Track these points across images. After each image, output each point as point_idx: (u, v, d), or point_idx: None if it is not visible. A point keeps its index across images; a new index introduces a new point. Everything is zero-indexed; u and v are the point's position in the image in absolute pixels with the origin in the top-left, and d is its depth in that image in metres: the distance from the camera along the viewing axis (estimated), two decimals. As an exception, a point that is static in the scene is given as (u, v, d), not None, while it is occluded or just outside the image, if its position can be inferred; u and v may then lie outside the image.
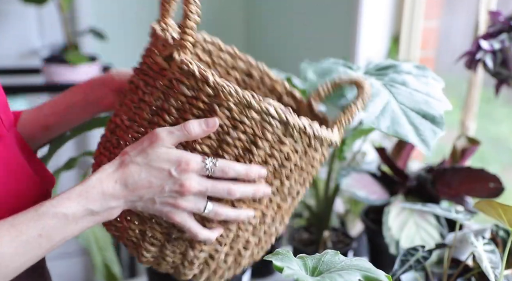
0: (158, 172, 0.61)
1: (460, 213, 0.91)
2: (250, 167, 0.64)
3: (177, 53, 0.62)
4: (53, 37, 1.87)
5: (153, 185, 0.61)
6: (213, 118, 0.62)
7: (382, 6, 1.40)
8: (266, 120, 0.62)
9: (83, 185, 0.59)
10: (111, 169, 0.61)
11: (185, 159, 0.61)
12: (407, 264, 0.83)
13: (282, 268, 0.57)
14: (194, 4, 0.61)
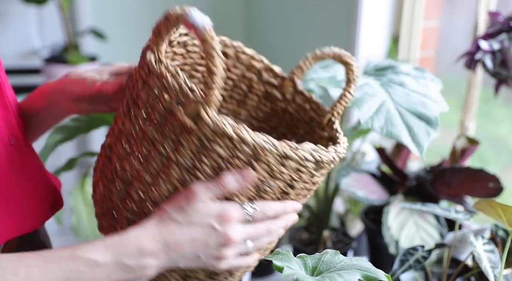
0: (200, 228, 0.59)
1: (459, 213, 0.91)
2: (287, 204, 0.64)
3: (204, 111, 0.55)
4: (53, 37, 1.87)
5: (197, 242, 0.59)
6: (248, 170, 0.59)
7: (382, 6, 1.40)
8: (302, 165, 0.60)
9: (121, 236, 0.57)
10: (150, 226, 0.58)
11: (226, 210, 0.59)
12: (407, 263, 0.83)
13: (282, 267, 0.57)
14: (217, 57, 0.54)
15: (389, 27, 1.44)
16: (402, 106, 0.81)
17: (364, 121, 0.78)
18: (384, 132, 0.77)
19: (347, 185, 1.03)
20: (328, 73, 0.88)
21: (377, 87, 0.85)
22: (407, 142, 0.76)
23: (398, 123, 0.78)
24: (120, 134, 0.65)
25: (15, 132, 0.66)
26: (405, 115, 0.80)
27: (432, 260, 0.85)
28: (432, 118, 0.79)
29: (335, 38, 1.53)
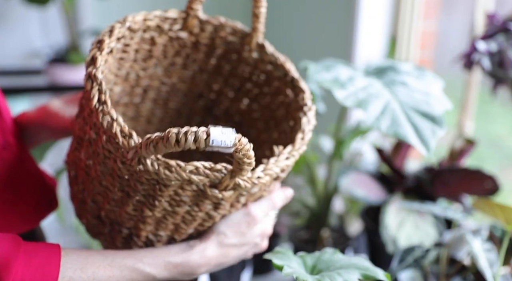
0: (248, 246, 0.66)
1: (457, 212, 0.92)
2: (284, 190, 0.70)
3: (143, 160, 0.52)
4: (56, 38, 1.87)
5: (242, 256, 0.66)
6: (288, 188, 0.69)
7: (380, 7, 1.41)
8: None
9: (182, 258, 0.61)
10: (211, 253, 0.63)
11: (266, 228, 0.67)
12: (405, 262, 0.84)
13: (282, 266, 0.58)
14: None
15: (387, 28, 1.44)
16: (407, 105, 0.81)
17: (370, 123, 0.78)
18: (391, 132, 0.78)
19: (346, 184, 1.04)
20: (331, 74, 0.88)
21: (380, 87, 0.85)
22: (414, 142, 0.76)
23: (404, 123, 0.78)
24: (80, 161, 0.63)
25: (7, 137, 0.67)
26: (410, 115, 0.80)
27: (430, 259, 0.86)
28: (436, 117, 0.80)
29: (333, 39, 1.54)
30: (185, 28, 0.74)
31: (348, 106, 0.81)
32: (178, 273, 0.61)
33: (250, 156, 0.50)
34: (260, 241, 0.67)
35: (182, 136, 0.45)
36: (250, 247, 0.66)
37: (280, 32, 1.85)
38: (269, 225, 0.68)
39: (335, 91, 0.83)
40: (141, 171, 0.53)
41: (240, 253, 0.65)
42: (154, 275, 0.59)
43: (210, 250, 0.62)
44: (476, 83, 1.24)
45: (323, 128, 1.45)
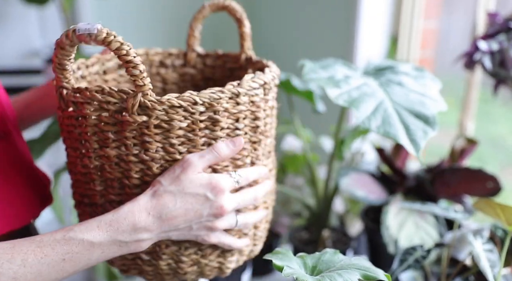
0: (193, 198, 0.60)
1: (458, 213, 0.91)
2: (259, 168, 0.68)
3: (145, 99, 0.58)
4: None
5: (190, 212, 0.60)
6: (238, 137, 0.64)
7: (381, 6, 1.40)
8: (253, 94, 0.65)
9: (114, 214, 0.58)
10: (143, 201, 0.59)
11: (217, 180, 0.61)
12: (406, 263, 0.84)
13: (282, 267, 0.57)
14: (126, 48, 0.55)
15: (388, 28, 1.44)
16: (400, 105, 0.81)
17: (361, 121, 0.78)
18: (381, 131, 0.77)
19: (347, 185, 1.03)
20: (327, 73, 0.88)
21: (375, 87, 0.85)
22: (404, 141, 0.76)
23: (395, 123, 0.78)
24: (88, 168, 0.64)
25: (3, 127, 0.67)
26: (402, 115, 0.80)
27: (431, 259, 0.86)
28: (430, 117, 0.79)
29: (334, 38, 1.53)
30: (188, 63, 0.86)
31: (340, 104, 0.81)
32: (116, 232, 0.57)
33: (117, 40, 0.54)
34: (211, 195, 0.61)
35: (63, 34, 0.57)
36: (198, 199, 0.60)
37: (280, 32, 1.84)
38: (224, 179, 0.62)
39: (328, 89, 0.83)
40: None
41: (187, 204, 0.60)
42: (90, 239, 0.56)
43: (143, 199, 0.59)
44: (477, 82, 1.23)
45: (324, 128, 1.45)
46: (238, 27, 0.77)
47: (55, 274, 0.55)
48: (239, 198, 0.64)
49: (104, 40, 0.54)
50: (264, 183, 0.70)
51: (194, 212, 0.61)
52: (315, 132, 1.51)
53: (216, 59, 0.84)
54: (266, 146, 0.71)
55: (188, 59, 0.85)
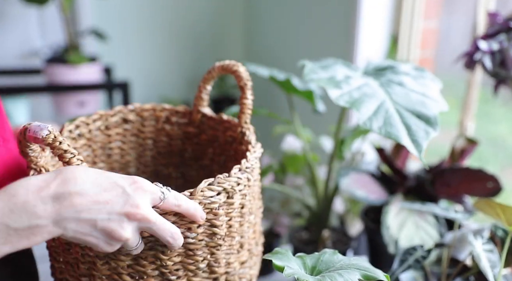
0: (110, 184, 0.50)
1: (459, 213, 0.91)
2: (198, 205, 0.57)
3: None
4: (54, 37, 1.87)
5: (99, 199, 0.49)
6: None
7: (381, 6, 1.40)
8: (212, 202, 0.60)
9: (2, 190, 0.47)
10: (43, 176, 0.49)
11: (139, 179, 0.53)
12: (406, 263, 0.84)
13: (282, 267, 0.57)
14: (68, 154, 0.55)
15: (389, 28, 1.44)
16: (401, 106, 0.81)
17: (362, 122, 0.78)
18: (383, 132, 0.77)
19: (347, 185, 1.03)
20: (327, 73, 0.88)
21: (376, 87, 0.85)
22: (406, 142, 0.76)
23: (397, 124, 0.78)
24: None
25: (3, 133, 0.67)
26: (404, 115, 0.80)
27: (432, 259, 0.86)
28: (431, 117, 0.79)
29: (334, 39, 1.53)
30: (192, 122, 0.85)
31: (341, 105, 0.80)
32: (1, 212, 0.45)
33: (60, 148, 0.53)
34: (131, 189, 0.51)
35: (20, 130, 0.55)
36: (114, 188, 0.51)
37: (281, 32, 1.84)
38: (149, 184, 0.53)
39: (329, 90, 0.82)
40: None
41: (100, 188, 0.50)
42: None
43: (46, 174, 0.49)
44: (477, 82, 1.23)
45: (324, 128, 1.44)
46: (240, 95, 0.74)
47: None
48: (158, 217, 0.53)
49: (50, 144, 0.53)
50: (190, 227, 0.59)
51: (104, 203, 0.49)
52: (315, 132, 1.51)
53: (218, 123, 0.83)
54: (233, 245, 0.66)
55: (192, 119, 0.85)
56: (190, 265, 0.62)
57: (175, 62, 2.16)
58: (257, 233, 0.74)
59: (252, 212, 0.69)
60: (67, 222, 0.48)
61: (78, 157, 0.55)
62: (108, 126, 0.81)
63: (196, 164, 0.89)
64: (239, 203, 0.64)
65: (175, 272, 0.61)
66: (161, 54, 2.12)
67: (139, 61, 2.09)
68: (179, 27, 2.12)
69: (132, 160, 0.87)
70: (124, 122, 0.83)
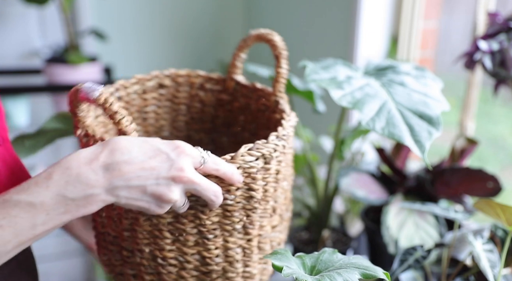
0: (153, 152, 0.53)
1: (458, 213, 0.91)
2: (235, 168, 0.60)
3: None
4: (54, 37, 1.87)
5: (146, 166, 0.52)
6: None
7: (381, 6, 1.40)
8: (250, 167, 0.62)
9: (55, 165, 0.49)
10: (91, 148, 0.51)
11: (180, 143, 0.55)
12: (406, 263, 0.84)
13: (282, 267, 0.57)
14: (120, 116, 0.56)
15: (389, 28, 1.44)
16: (404, 106, 0.81)
17: (365, 123, 0.78)
18: (386, 133, 0.77)
19: (347, 185, 1.03)
20: (329, 73, 0.88)
21: (378, 87, 0.85)
22: (409, 143, 0.76)
23: (399, 124, 0.78)
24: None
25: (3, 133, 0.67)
26: (406, 115, 0.79)
27: (432, 259, 0.86)
28: (433, 117, 0.79)
29: (334, 39, 1.53)
30: (226, 90, 0.86)
31: (343, 106, 0.80)
32: (58, 185, 0.48)
33: (111, 109, 0.55)
34: (174, 154, 0.53)
35: (72, 91, 0.58)
36: (158, 154, 0.53)
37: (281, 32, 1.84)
38: (190, 147, 0.55)
39: (331, 90, 0.82)
40: None
41: (145, 155, 0.52)
42: (29, 199, 0.48)
43: (93, 146, 0.52)
44: (477, 82, 1.23)
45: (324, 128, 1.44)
46: (275, 64, 0.75)
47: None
48: (202, 179, 0.56)
49: (102, 105, 0.55)
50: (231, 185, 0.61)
51: (151, 169, 0.52)
52: (315, 132, 1.51)
53: (252, 91, 0.83)
54: (267, 209, 0.69)
55: (226, 86, 0.86)
56: (227, 226, 0.64)
57: (175, 62, 2.16)
58: (287, 200, 0.76)
59: (285, 178, 0.71)
60: (118, 190, 0.51)
61: (128, 117, 0.56)
62: (145, 90, 0.83)
63: (227, 131, 0.90)
64: (275, 169, 0.66)
65: (212, 231, 0.64)
66: (161, 54, 2.13)
67: (139, 61, 2.09)
68: (179, 27, 2.12)
69: (166, 124, 0.89)
70: (159, 86, 0.85)
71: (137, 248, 0.65)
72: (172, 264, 0.65)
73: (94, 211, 0.51)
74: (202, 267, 0.66)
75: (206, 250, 0.65)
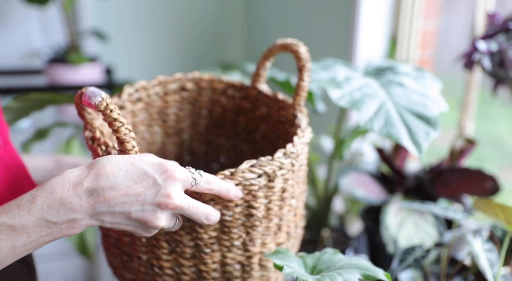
0: (139, 177, 0.51)
1: (458, 213, 0.92)
2: (232, 185, 0.58)
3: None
4: (55, 38, 1.87)
5: (131, 192, 0.50)
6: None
7: (381, 6, 1.41)
8: (251, 184, 0.61)
9: (38, 189, 0.49)
10: (77, 171, 0.50)
11: (170, 165, 0.53)
12: (406, 263, 0.84)
13: (282, 266, 0.58)
14: (118, 124, 0.55)
15: (388, 28, 1.44)
16: (402, 106, 0.81)
17: (363, 123, 0.78)
18: (384, 133, 0.77)
19: (347, 184, 1.03)
20: (328, 74, 0.89)
21: (376, 88, 0.85)
22: (406, 143, 0.76)
23: (397, 124, 0.78)
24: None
25: (4, 134, 0.67)
26: (404, 116, 0.80)
27: (431, 259, 0.86)
28: (431, 118, 0.80)
29: (333, 39, 1.54)
30: (247, 98, 0.84)
31: (342, 106, 0.81)
32: (40, 210, 0.48)
33: (110, 116, 0.54)
34: (161, 179, 0.51)
35: (77, 95, 0.57)
36: (145, 179, 0.51)
37: (280, 32, 1.85)
38: (180, 168, 0.53)
39: (330, 91, 0.83)
40: None
41: (129, 182, 0.50)
42: (9, 222, 0.47)
43: (77, 169, 0.50)
44: (476, 83, 1.24)
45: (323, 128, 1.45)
46: (298, 76, 0.73)
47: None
48: (191, 202, 0.54)
49: (102, 111, 0.54)
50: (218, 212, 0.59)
51: (136, 195, 0.50)
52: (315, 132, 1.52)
53: (273, 102, 0.81)
54: (271, 227, 0.66)
55: (248, 94, 0.84)
56: (225, 241, 0.63)
57: (176, 62, 2.17)
58: (298, 216, 0.74)
59: (294, 196, 0.68)
60: (102, 215, 0.50)
61: (127, 126, 0.55)
62: (167, 92, 0.82)
63: (248, 138, 0.88)
64: (280, 187, 0.63)
65: (210, 246, 0.62)
66: (162, 54, 2.13)
67: (140, 61, 2.09)
68: (180, 27, 2.12)
69: (186, 127, 0.88)
70: (182, 89, 0.84)
71: (135, 254, 0.65)
72: (168, 274, 0.64)
73: (77, 233, 0.51)
74: (199, 280, 0.65)
75: (203, 263, 0.64)
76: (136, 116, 0.81)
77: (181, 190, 0.53)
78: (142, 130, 0.83)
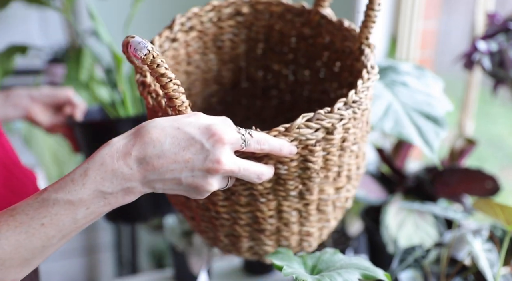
0: (187, 142, 0.50)
1: (458, 212, 0.92)
2: (284, 142, 0.56)
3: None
4: (56, 38, 1.88)
5: (179, 159, 0.50)
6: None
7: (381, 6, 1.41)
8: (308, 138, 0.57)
9: (89, 162, 0.49)
10: (124, 140, 0.50)
11: (217, 128, 0.51)
12: (406, 263, 0.84)
13: (282, 266, 0.58)
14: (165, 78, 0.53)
15: (388, 28, 1.44)
16: (409, 106, 0.82)
17: (374, 123, 0.78)
18: (395, 133, 0.78)
19: (347, 185, 1.03)
20: None
21: (381, 88, 0.85)
22: (418, 142, 0.77)
23: (407, 124, 0.79)
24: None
25: None
26: (412, 116, 0.80)
27: (431, 259, 0.86)
28: (439, 118, 0.80)
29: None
30: (308, 23, 0.77)
31: None
32: (94, 182, 0.48)
33: (157, 71, 0.51)
34: (209, 144, 0.50)
35: (124, 43, 0.53)
36: (192, 145, 0.50)
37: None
38: (229, 131, 0.51)
39: None
40: None
41: (176, 148, 0.50)
42: (67, 197, 0.48)
43: (124, 138, 0.50)
44: (476, 83, 1.24)
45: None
46: (367, 4, 0.65)
47: (39, 242, 0.48)
48: (242, 164, 0.53)
49: (148, 65, 0.52)
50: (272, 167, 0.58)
51: (185, 161, 0.50)
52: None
53: (337, 30, 0.73)
54: (329, 176, 0.64)
55: (310, 19, 0.76)
56: (281, 192, 0.61)
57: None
58: (360, 157, 0.69)
59: (356, 142, 0.64)
60: (153, 182, 0.50)
61: (175, 81, 0.52)
62: (221, 17, 0.77)
63: (309, 64, 0.82)
64: (340, 138, 0.59)
65: (265, 195, 0.61)
66: (161, 54, 2.13)
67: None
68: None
69: (242, 53, 0.83)
70: (237, 14, 0.78)
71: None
72: (225, 218, 0.65)
73: (133, 199, 0.52)
74: (255, 225, 0.65)
75: (259, 210, 0.63)
76: (190, 45, 0.77)
77: (231, 153, 0.52)
78: (197, 59, 0.79)
